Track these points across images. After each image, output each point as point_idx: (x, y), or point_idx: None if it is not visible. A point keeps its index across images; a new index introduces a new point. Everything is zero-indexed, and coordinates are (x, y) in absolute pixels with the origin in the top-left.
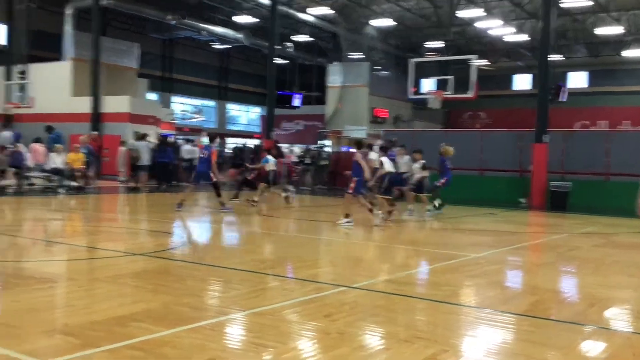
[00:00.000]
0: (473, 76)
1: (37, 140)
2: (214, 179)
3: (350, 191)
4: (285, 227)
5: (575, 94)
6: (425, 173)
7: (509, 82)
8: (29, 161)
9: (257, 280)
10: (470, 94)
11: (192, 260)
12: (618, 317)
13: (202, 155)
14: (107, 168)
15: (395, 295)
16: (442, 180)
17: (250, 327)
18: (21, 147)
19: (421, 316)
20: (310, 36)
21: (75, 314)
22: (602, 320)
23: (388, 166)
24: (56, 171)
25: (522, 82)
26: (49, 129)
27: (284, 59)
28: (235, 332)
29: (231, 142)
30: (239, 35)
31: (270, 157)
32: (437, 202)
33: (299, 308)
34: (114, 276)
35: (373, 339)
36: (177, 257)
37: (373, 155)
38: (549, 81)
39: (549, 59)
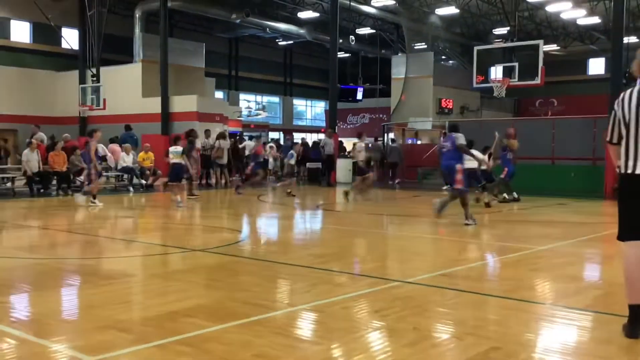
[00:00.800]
0: (539, 62)
1: (113, 140)
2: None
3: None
4: (337, 221)
5: None
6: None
7: (582, 66)
8: (110, 161)
9: (310, 275)
10: (537, 81)
11: (247, 255)
12: None
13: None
14: None
15: (450, 290)
16: (504, 171)
17: (299, 323)
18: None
19: (475, 312)
20: (373, 28)
21: (129, 309)
22: None
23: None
24: (127, 170)
25: (597, 66)
26: (127, 128)
27: (347, 52)
28: (283, 328)
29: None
30: (302, 31)
31: (293, 152)
32: (505, 195)
33: (350, 303)
34: (171, 272)
35: (422, 335)
36: (232, 252)
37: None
38: (623, 64)
39: (623, 41)
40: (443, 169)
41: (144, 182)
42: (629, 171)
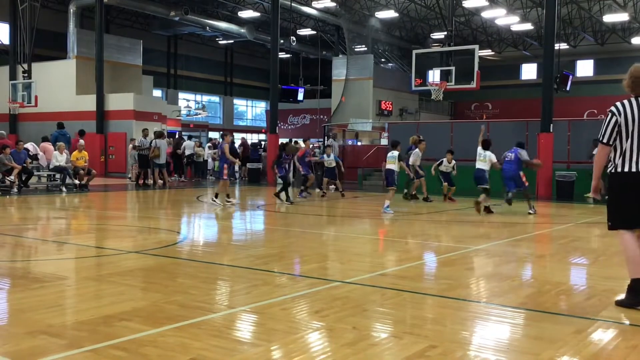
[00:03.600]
0: (475, 66)
1: (45, 139)
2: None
3: None
4: (287, 223)
5: (583, 82)
6: None
7: (516, 72)
8: (42, 160)
9: (250, 277)
10: (472, 85)
11: (185, 257)
12: (619, 309)
13: None
14: (113, 166)
15: (389, 290)
16: None
17: (238, 324)
18: (30, 146)
19: (413, 311)
20: (314, 29)
21: (62, 314)
22: (602, 312)
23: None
24: (59, 169)
25: (529, 71)
26: (60, 126)
27: (288, 52)
28: (221, 330)
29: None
30: (243, 30)
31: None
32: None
33: (290, 304)
34: (106, 274)
35: (361, 335)
36: (170, 254)
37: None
38: (554, 70)
39: (555, 47)
40: (507, 173)
41: (77, 182)
42: (626, 170)
